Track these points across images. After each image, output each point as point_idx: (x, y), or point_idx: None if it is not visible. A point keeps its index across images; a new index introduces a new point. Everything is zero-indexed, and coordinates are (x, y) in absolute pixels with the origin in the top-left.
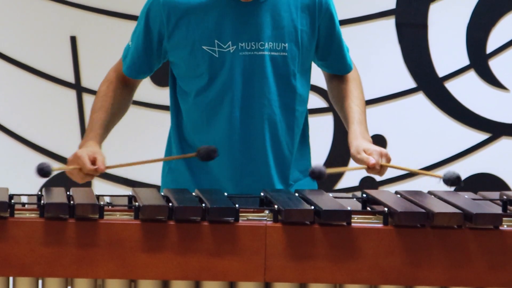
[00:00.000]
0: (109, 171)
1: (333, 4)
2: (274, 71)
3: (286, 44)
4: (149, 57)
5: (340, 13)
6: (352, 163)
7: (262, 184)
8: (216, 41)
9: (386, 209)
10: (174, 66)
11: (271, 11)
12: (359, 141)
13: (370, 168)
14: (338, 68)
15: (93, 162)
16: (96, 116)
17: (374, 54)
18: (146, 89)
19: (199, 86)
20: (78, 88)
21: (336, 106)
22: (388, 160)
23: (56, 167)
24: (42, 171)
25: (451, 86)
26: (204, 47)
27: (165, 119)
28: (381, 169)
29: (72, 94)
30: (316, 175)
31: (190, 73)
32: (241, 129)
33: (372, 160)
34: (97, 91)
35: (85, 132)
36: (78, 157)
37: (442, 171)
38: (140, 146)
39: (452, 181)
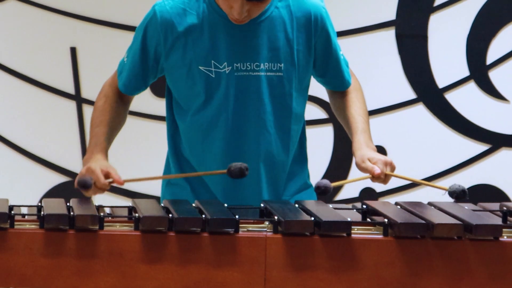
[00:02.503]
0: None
1: (329, 21)
2: (270, 91)
3: (282, 65)
4: (145, 74)
5: (340, 24)
6: (354, 174)
7: (254, 198)
8: (212, 61)
9: (386, 220)
10: (171, 85)
11: (267, 32)
12: (363, 150)
13: (375, 177)
14: (337, 84)
15: (106, 176)
16: (98, 130)
17: (374, 65)
18: (145, 100)
19: (196, 105)
20: (78, 99)
21: (340, 118)
22: (393, 169)
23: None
24: (85, 184)
25: (451, 97)
26: (200, 67)
27: (164, 129)
28: (386, 178)
29: (72, 105)
30: (321, 190)
31: (187, 92)
32: (235, 149)
33: (377, 169)
34: (94, 106)
35: (88, 146)
36: (92, 171)
37: (447, 183)
38: (139, 156)
39: (458, 194)
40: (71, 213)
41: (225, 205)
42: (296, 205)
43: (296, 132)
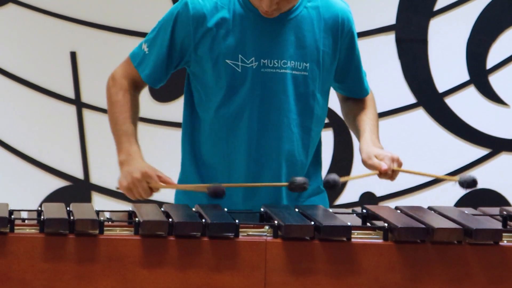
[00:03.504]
0: (110, 186)
1: (354, 26)
2: (295, 90)
3: (308, 64)
4: (169, 65)
5: None
6: (363, 171)
7: (271, 201)
8: (240, 55)
9: (386, 224)
10: (195, 78)
11: (295, 30)
12: (370, 148)
13: (382, 173)
14: (355, 91)
15: (159, 179)
16: (127, 128)
17: (374, 69)
18: (146, 105)
19: (220, 99)
20: (78, 103)
21: (349, 124)
22: (400, 164)
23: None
24: (216, 194)
25: (451, 101)
26: (227, 61)
27: (166, 134)
28: (393, 174)
29: (72, 109)
30: (330, 184)
31: (212, 84)
32: (260, 145)
33: (384, 165)
34: (112, 100)
35: (120, 145)
36: (149, 176)
37: (448, 187)
38: None
39: (468, 183)
40: (71, 218)
41: (225, 209)
42: (296, 210)
43: (316, 134)
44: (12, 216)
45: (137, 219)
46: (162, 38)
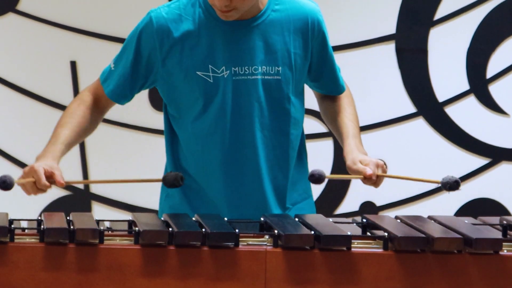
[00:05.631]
0: (110, 196)
1: (324, 25)
2: (268, 95)
3: (280, 68)
4: (134, 82)
5: (340, 38)
6: (355, 187)
7: (258, 208)
8: (210, 66)
9: (386, 234)
10: (169, 93)
11: (264, 35)
12: (354, 154)
13: (366, 178)
14: (331, 88)
15: (50, 176)
16: (60, 131)
17: (374, 79)
18: (145, 113)
19: (195, 112)
20: None
21: (329, 123)
22: (384, 171)
23: (17, 180)
24: (4, 183)
25: (451, 111)
26: (198, 73)
27: (162, 143)
28: (377, 180)
29: None
30: (315, 178)
31: (185, 98)
32: (235, 154)
33: (368, 170)
34: (67, 107)
35: (45, 146)
36: (34, 171)
37: (447, 197)
38: (138, 169)
39: (451, 185)
40: (71, 227)
41: (225, 218)
42: (296, 219)
43: (296, 137)
44: (12, 226)
45: (137, 228)
46: (128, 54)
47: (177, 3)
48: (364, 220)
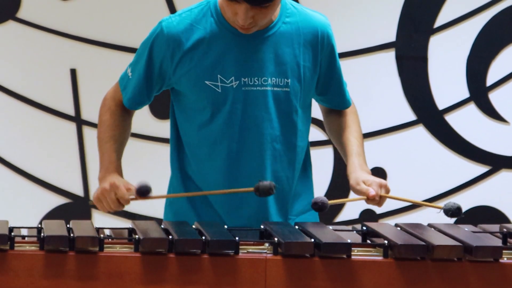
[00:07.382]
0: None
1: (334, 39)
2: (277, 106)
3: (289, 80)
4: (149, 89)
5: (340, 46)
6: (352, 195)
7: (260, 218)
8: (219, 76)
9: (386, 241)
10: (177, 99)
11: (274, 47)
12: (358, 173)
13: (369, 199)
14: (337, 103)
15: (128, 191)
16: (109, 147)
17: (374, 86)
18: (146, 122)
19: (202, 120)
20: (78, 120)
21: (334, 139)
22: (387, 191)
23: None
24: (148, 189)
25: (451, 118)
26: (207, 82)
27: (164, 151)
28: (381, 200)
29: (72, 126)
30: (318, 206)
31: (193, 106)
32: (241, 164)
33: (372, 191)
34: (100, 120)
35: (101, 163)
36: (116, 187)
37: (442, 203)
38: (140, 178)
39: (453, 211)
40: (71, 235)
41: (225, 226)
42: (296, 227)
43: (302, 149)
44: (12, 233)
45: (137, 236)
46: (141, 63)
47: (189, 12)
48: (364, 228)
